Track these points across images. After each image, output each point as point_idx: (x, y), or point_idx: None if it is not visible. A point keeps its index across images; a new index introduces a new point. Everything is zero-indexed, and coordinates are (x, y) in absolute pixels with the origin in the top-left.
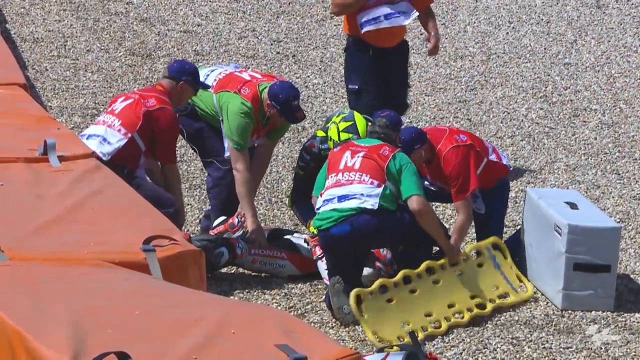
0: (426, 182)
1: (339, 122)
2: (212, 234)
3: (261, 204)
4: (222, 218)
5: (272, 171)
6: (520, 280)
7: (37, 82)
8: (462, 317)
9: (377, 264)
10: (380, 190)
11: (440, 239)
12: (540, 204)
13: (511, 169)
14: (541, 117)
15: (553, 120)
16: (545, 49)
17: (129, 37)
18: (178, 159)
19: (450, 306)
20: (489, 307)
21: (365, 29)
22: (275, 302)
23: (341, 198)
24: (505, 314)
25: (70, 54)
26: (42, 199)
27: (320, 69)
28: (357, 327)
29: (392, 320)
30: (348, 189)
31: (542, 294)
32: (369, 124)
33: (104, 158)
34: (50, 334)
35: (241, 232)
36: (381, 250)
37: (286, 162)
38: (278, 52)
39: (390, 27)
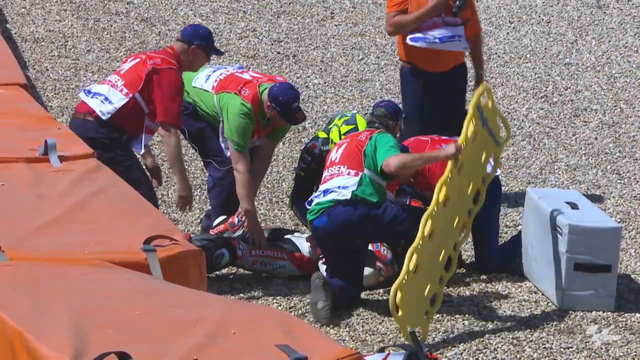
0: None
1: (341, 125)
2: (212, 233)
3: (262, 204)
4: (222, 217)
5: (272, 171)
6: (502, 121)
7: (37, 82)
8: (455, 248)
9: (378, 263)
10: (356, 179)
11: (432, 159)
12: (540, 204)
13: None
14: (542, 117)
15: (553, 120)
16: (545, 49)
17: (129, 37)
18: None
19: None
20: (480, 199)
21: (415, 44)
22: (276, 302)
23: (324, 193)
24: (505, 313)
25: (70, 54)
26: (42, 199)
27: (320, 69)
28: (357, 327)
29: (417, 300)
30: (330, 184)
31: (543, 294)
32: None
33: (103, 117)
34: (51, 334)
35: (241, 231)
36: (382, 250)
37: (287, 162)
38: (278, 52)
39: (443, 49)
